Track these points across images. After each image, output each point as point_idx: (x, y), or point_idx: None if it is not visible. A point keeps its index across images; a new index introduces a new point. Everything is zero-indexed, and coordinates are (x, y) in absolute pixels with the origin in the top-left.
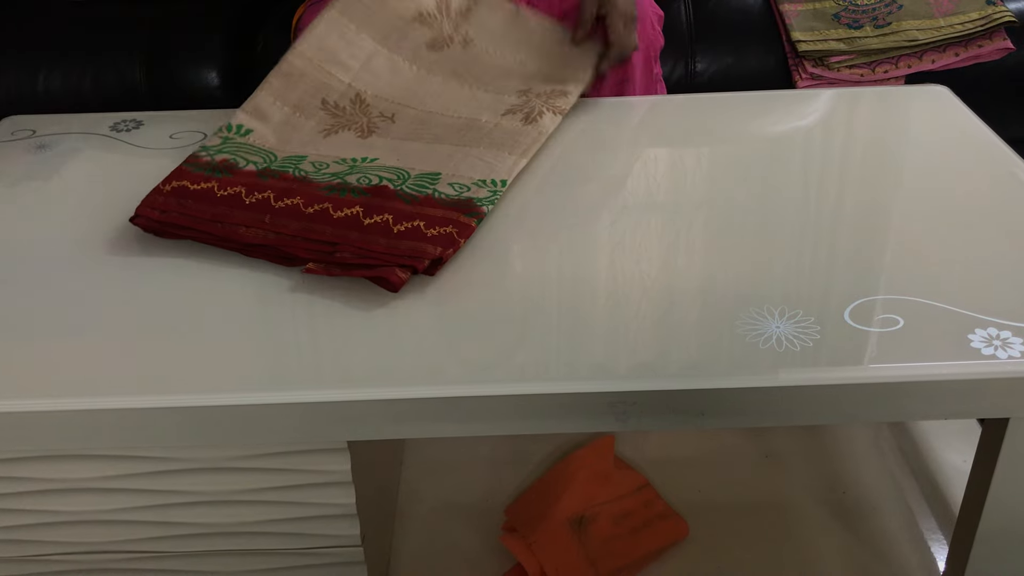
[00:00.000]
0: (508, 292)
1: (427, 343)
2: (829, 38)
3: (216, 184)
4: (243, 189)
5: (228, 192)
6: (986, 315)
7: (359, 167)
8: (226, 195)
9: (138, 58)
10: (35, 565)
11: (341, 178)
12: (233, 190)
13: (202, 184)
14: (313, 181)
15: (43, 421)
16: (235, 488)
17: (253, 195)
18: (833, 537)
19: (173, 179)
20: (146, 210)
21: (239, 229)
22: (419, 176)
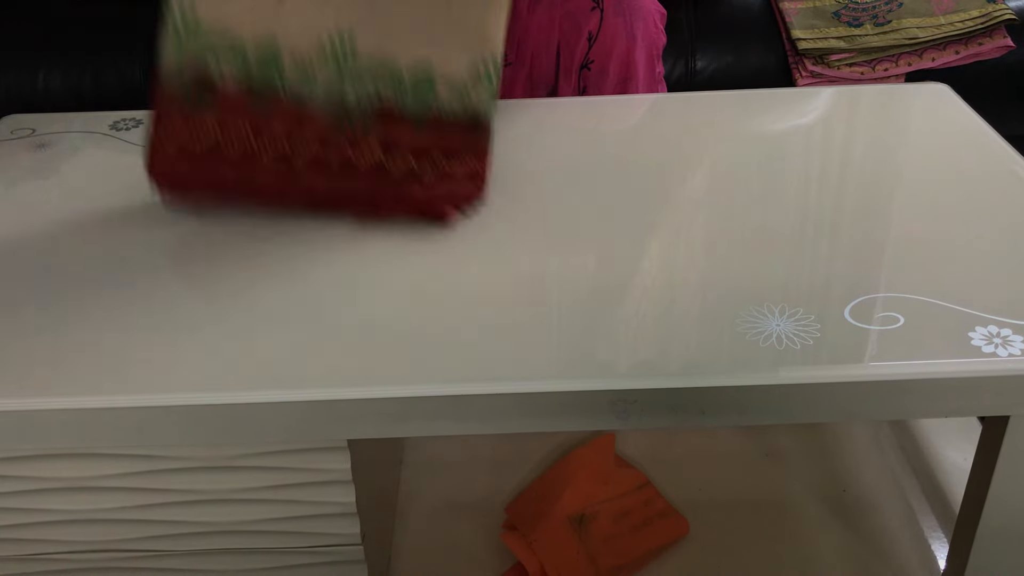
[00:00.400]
0: (508, 290)
1: (426, 341)
2: (829, 36)
3: (215, 127)
4: (247, 128)
5: (236, 146)
6: (986, 313)
7: (348, 69)
8: (237, 155)
9: (138, 57)
10: (34, 564)
11: (339, 96)
12: (238, 138)
13: (200, 134)
14: (310, 104)
15: (42, 420)
16: (235, 487)
17: (262, 140)
18: (833, 535)
19: (164, 124)
20: (163, 174)
21: (266, 190)
22: (414, 80)
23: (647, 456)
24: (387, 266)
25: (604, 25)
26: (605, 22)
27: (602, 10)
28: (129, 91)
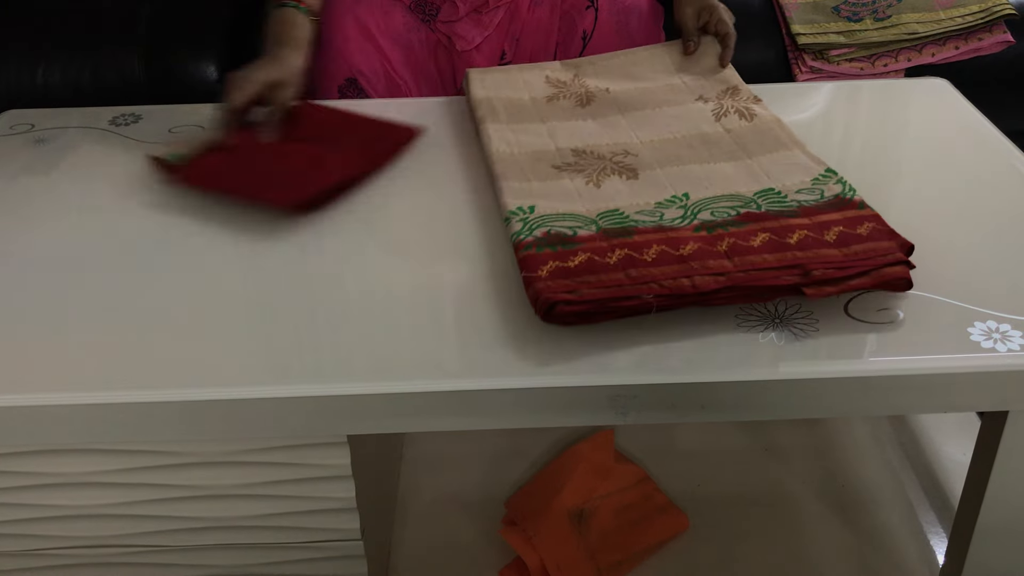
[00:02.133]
0: (509, 288)
1: (427, 337)
2: (829, 31)
3: (587, 255)
4: (618, 251)
5: (609, 259)
6: (986, 308)
7: (690, 205)
8: (611, 262)
9: (137, 52)
10: (37, 559)
11: (692, 218)
12: (610, 256)
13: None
14: (669, 227)
15: (45, 416)
16: (235, 482)
17: (638, 251)
18: (832, 530)
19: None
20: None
21: (652, 286)
22: (760, 195)
23: (647, 451)
24: (399, 265)
25: (599, 24)
26: (599, 21)
27: (596, 9)
28: (128, 86)
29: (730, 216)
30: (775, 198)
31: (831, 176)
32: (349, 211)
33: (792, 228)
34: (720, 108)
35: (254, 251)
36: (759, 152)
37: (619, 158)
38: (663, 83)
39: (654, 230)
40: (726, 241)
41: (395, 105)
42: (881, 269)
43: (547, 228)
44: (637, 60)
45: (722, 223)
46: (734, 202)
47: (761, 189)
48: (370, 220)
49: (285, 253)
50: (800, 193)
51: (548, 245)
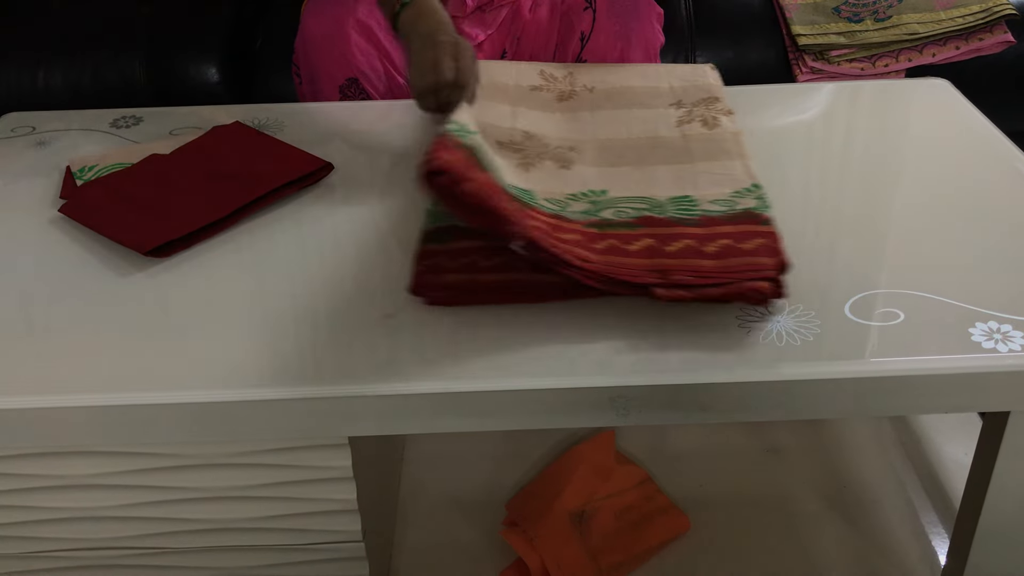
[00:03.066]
0: None
1: (427, 338)
2: (829, 32)
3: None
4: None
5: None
6: (987, 309)
7: (601, 201)
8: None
9: (138, 54)
10: (38, 561)
11: (594, 214)
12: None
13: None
14: (568, 218)
15: (46, 418)
16: (237, 484)
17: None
18: (834, 531)
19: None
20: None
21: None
22: (673, 200)
23: (648, 452)
24: (399, 265)
25: (596, 26)
26: (597, 23)
27: (594, 10)
28: (129, 89)
29: (628, 218)
30: (686, 205)
31: (752, 192)
32: (350, 210)
33: (678, 237)
34: (688, 115)
35: (254, 252)
36: (700, 159)
37: (562, 150)
38: (649, 85)
39: (548, 215)
40: (607, 242)
41: (399, 106)
42: (742, 283)
43: None
44: (643, 73)
45: (616, 223)
46: (642, 205)
47: (678, 196)
48: (371, 220)
49: (285, 253)
50: (714, 203)
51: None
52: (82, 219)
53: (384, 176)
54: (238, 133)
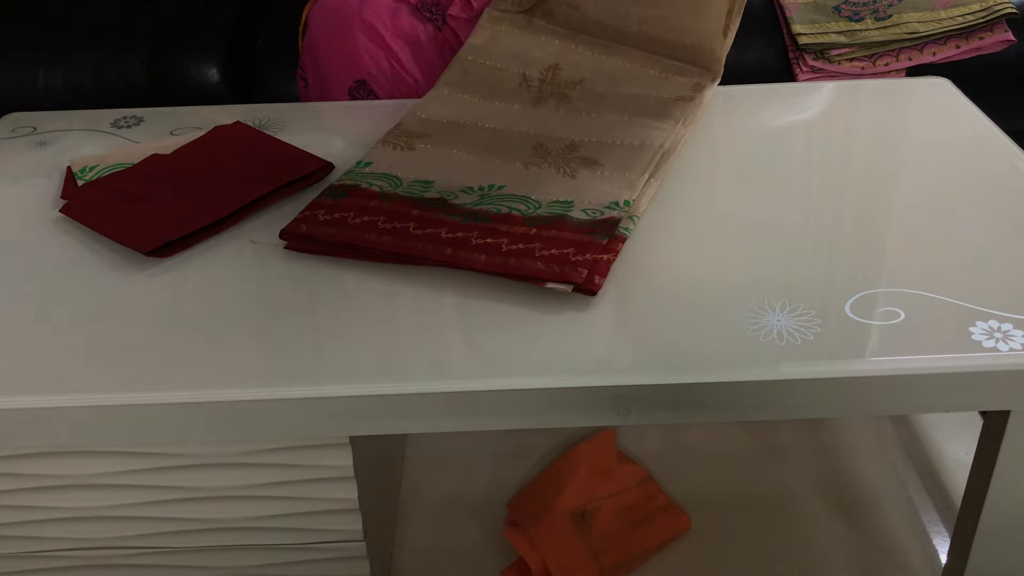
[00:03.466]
0: (509, 288)
1: (429, 337)
2: (830, 31)
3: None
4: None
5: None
6: (987, 307)
7: (489, 196)
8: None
9: (138, 54)
10: (39, 561)
11: (473, 206)
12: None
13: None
14: (447, 207)
15: (47, 418)
16: (238, 484)
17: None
18: (835, 530)
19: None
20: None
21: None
22: (552, 203)
23: (648, 451)
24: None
25: None
26: None
27: None
28: (130, 89)
29: (497, 212)
30: (557, 209)
31: (622, 208)
32: None
33: (523, 238)
34: (650, 125)
35: (256, 252)
36: (609, 166)
37: (492, 138)
38: (636, 92)
39: (430, 208)
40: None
41: (400, 105)
42: (533, 262)
43: (356, 182)
44: (652, 78)
45: (483, 214)
46: (519, 205)
47: (558, 200)
48: None
49: (286, 253)
50: (583, 212)
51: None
52: (83, 219)
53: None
54: (239, 133)
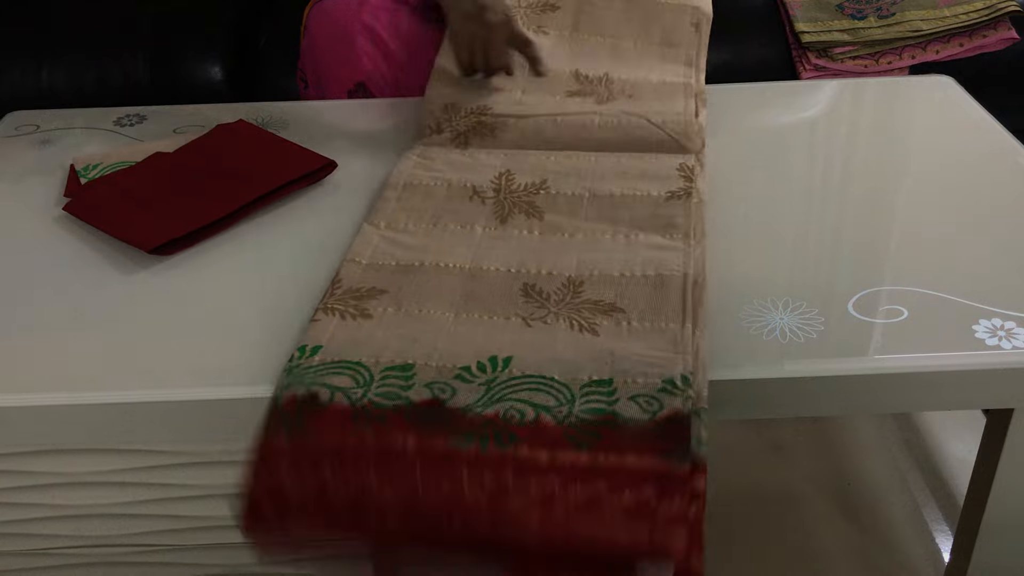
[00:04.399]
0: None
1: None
2: (833, 29)
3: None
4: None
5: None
6: (990, 305)
7: (497, 383)
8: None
9: (141, 53)
10: (39, 559)
11: (476, 407)
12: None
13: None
14: (434, 427)
15: (49, 415)
16: (238, 482)
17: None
18: (838, 528)
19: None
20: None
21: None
22: (587, 389)
23: None
24: None
25: None
26: None
27: None
28: (132, 87)
29: (521, 422)
30: (597, 400)
31: (680, 389)
32: (353, 208)
33: (577, 473)
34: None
35: (258, 250)
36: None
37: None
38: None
39: (428, 426)
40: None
41: (402, 104)
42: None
43: (310, 388)
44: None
45: (504, 430)
46: (545, 398)
47: (592, 380)
48: None
49: (288, 252)
50: (633, 402)
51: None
52: (87, 217)
53: (387, 174)
54: (242, 131)
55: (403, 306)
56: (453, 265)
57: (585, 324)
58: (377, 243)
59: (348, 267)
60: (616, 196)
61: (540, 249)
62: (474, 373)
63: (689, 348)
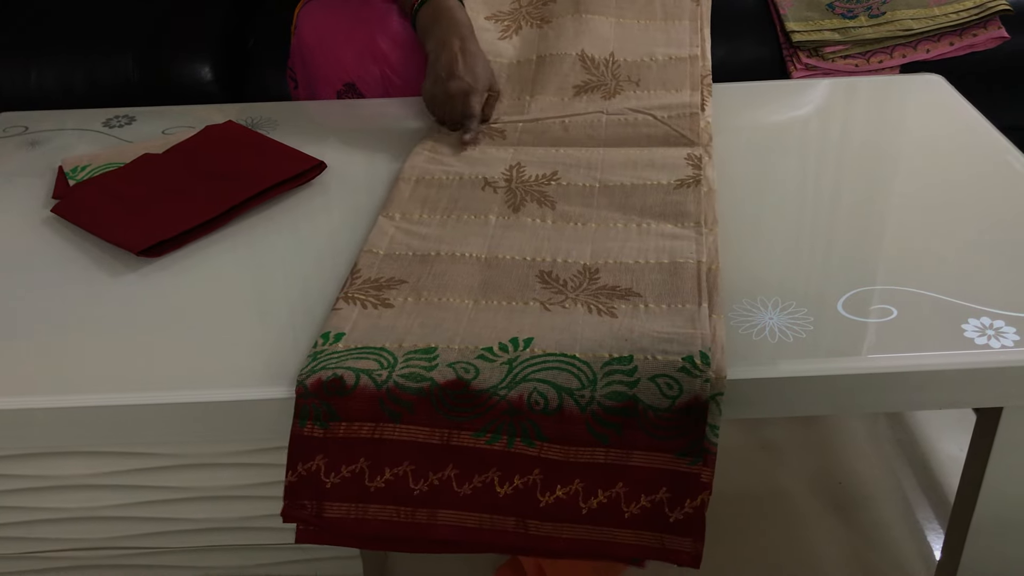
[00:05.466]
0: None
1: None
2: (823, 28)
3: (362, 464)
4: (375, 465)
5: (376, 483)
6: (979, 304)
7: (519, 361)
8: (382, 486)
9: (131, 53)
10: (32, 562)
11: (509, 387)
12: (380, 479)
13: (343, 472)
14: (458, 417)
15: (39, 418)
16: (233, 484)
17: (385, 471)
18: (829, 527)
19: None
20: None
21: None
22: (608, 368)
23: None
24: None
25: None
26: None
27: None
28: (122, 88)
29: (545, 410)
30: (619, 381)
31: (699, 369)
32: (343, 209)
33: (566, 474)
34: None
35: (247, 251)
36: (648, 296)
37: (482, 271)
38: (627, 180)
39: (452, 411)
40: (482, 477)
41: (391, 104)
42: (623, 530)
43: (335, 371)
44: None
45: (527, 414)
46: (568, 379)
47: (613, 357)
48: (364, 218)
49: (278, 252)
50: (652, 383)
51: (316, 415)
52: (75, 219)
53: (377, 174)
54: (231, 132)
55: (423, 295)
56: (469, 254)
57: (603, 308)
58: (393, 234)
59: (366, 258)
60: (627, 186)
61: (554, 237)
62: (496, 353)
63: (707, 326)
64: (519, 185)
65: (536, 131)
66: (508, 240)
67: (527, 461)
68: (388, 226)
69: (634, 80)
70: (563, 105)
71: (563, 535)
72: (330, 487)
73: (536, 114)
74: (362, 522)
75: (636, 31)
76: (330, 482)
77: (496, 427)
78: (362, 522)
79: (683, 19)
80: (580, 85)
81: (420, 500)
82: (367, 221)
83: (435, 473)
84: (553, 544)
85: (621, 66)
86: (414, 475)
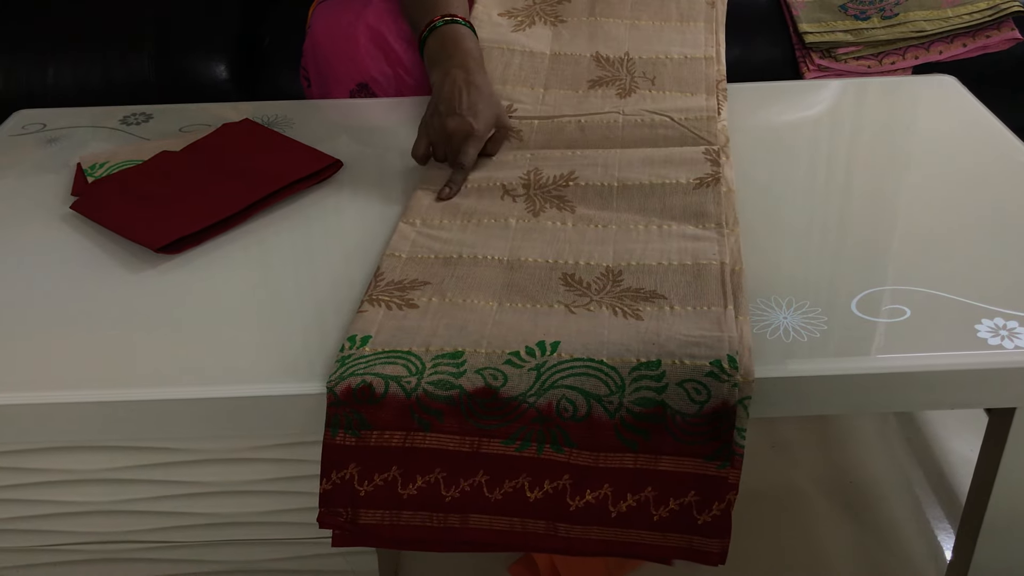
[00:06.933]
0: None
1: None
2: (836, 29)
3: (394, 470)
4: (407, 473)
5: (409, 490)
6: (993, 305)
7: (546, 367)
8: (415, 494)
9: (147, 51)
10: (46, 555)
11: (538, 395)
12: (412, 487)
13: (376, 480)
14: (488, 425)
15: (56, 413)
16: (245, 479)
17: (417, 480)
18: (840, 526)
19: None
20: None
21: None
22: (636, 374)
23: None
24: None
25: None
26: None
27: None
28: (138, 86)
29: (575, 416)
30: (647, 387)
31: (727, 373)
32: (359, 207)
33: (595, 479)
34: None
35: (264, 249)
36: (674, 298)
37: (504, 274)
38: (646, 179)
39: (483, 418)
40: (513, 482)
41: (407, 103)
42: (651, 533)
43: (364, 377)
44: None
45: (557, 423)
46: (597, 385)
47: (640, 362)
48: (380, 216)
49: (294, 250)
50: (680, 388)
51: (348, 423)
52: (93, 216)
53: (393, 173)
54: (247, 130)
55: (447, 296)
56: (491, 257)
57: (628, 310)
58: (414, 238)
59: (388, 261)
60: (645, 185)
61: (575, 240)
62: (523, 358)
63: (734, 329)
64: (537, 191)
65: (551, 130)
66: (529, 243)
67: (557, 467)
68: (409, 231)
69: (649, 77)
70: (578, 99)
71: (592, 536)
72: (364, 495)
73: (551, 107)
74: (396, 528)
75: (651, 32)
76: (364, 490)
77: (525, 434)
78: (396, 528)
79: (698, 21)
80: (595, 80)
81: (452, 506)
82: (381, 219)
83: (466, 480)
84: (582, 545)
85: (636, 63)
86: (445, 482)
